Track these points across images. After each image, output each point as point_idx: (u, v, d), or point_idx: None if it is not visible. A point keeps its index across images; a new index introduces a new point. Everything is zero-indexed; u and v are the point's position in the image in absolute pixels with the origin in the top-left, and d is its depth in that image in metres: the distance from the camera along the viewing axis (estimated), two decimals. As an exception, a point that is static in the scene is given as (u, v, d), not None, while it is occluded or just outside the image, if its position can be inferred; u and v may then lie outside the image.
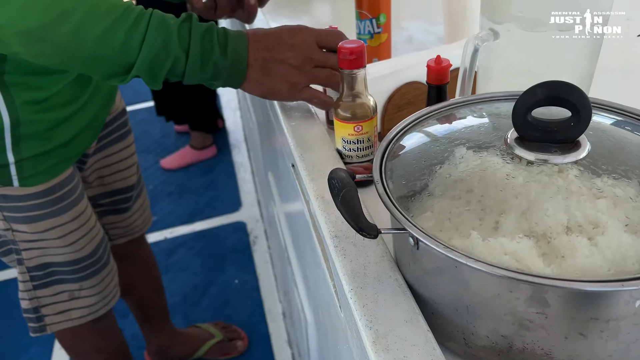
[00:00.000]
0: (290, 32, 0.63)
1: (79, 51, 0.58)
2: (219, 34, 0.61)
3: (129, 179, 1.08)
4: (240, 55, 0.61)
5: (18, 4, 0.55)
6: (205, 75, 0.62)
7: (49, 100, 0.77)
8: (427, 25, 1.04)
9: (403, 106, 0.68)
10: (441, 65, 0.53)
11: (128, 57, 0.58)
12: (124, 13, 0.57)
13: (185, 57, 0.60)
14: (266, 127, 1.02)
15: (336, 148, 0.60)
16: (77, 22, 0.56)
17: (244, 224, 2.00)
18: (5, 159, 0.77)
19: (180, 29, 0.59)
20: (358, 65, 0.55)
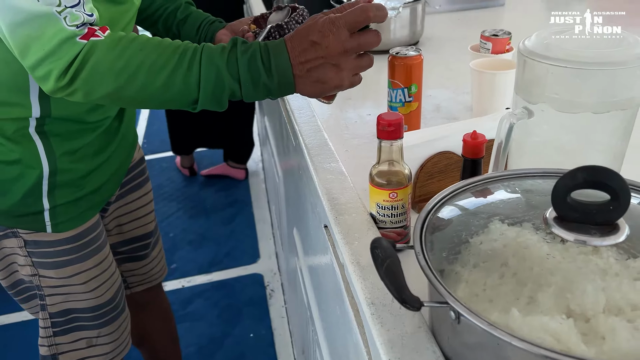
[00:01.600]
0: (320, 32, 0.64)
1: (150, 100, 0.67)
2: (263, 55, 0.65)
3: (147, 225, 1.10)
4: (285, 72, 0.65)
5: (96, 76, 0.63)
6: (260, 94, 0.67)
7: (82, 149, 0.83)
8: (454, 94, 1.07)
9: (434, 174, 0.70)
10: (477, 140, 0.55)
11: (191, 95, 0.65)
12: (179, 59, 0.64)
13: (239, 85, 0.65)
14: (295, 185, 1.04)
15: (370, 212, 0.62)
16: (142, 80, 0.64)
17: (261, 276, 2.00)
18: (40, 206, 0.81)
19: (228, 62, 0.64)
20: (396, 137, 0.57)
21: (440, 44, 1.42)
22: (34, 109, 0.75)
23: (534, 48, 0.55)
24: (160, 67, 0.63)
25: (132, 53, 0.63)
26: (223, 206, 2.47)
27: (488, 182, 0.53)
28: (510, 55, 0.93)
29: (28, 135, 0.76)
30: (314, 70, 0.65)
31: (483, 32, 0.93)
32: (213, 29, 0.93)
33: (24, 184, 0.78)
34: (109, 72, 0.63)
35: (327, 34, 0.64)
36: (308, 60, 0.64)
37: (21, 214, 0.81)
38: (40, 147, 0.78)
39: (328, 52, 0.64)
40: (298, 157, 0.89)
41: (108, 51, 0.63)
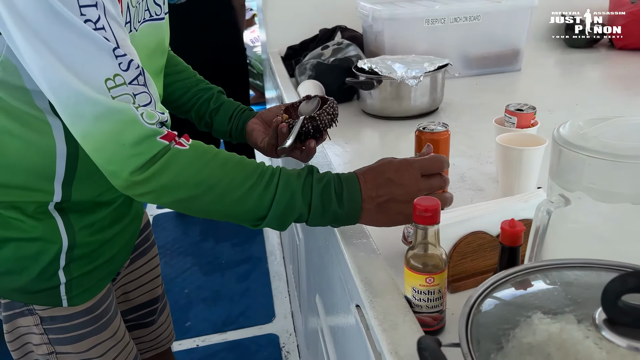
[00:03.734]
0: (397, 171, 0.69)
1: (218, 213, 0.68)
2: (336, 185, 0.68)
3: (154, 291, 1.09)
4: (356, 203, 0.68)
5: (175, 184, 0.64)
6: (325, 221, 0.70)
7: (99, 222, 0.84)
8: (478, 163, 1.08)
9: (467, 254, 0.69)
10: (515, 229, 0.55)
11: (259, 214, 0.67)
12: (257, 178, 0.66)
13: (308, 210, 0.68)
14: (320, 254, 1.04)
15: (405, 295, 0.61)
16: (220, 193, 0.65)
17: (277, 337, 1.96)
18: (57, 280, 0.80)
19: (304, 187, 0.67)
20: (433, 222, 0.57)
21: (460, 111, 1.45)
22: (55, 195, 0.77)
23: (570, 137, 0.56)
24: (239, 184, 0.66)
25: (215, 167, 0.65)
26: (238, 262, 2.46)
27: (528, 273, 0.52)
28: (535, 130, 0.94)
29: (48, 212, 0.77)
30: (382, 205, 0.69)
31: (508, 106, 0.95)
32: (244, 117, 0.96)
33: (43, 260, 0.79)
34: (188, 182, 0.64)
35: (404, 172, 0.69)
36: (379, 195, 0.68)
37: (37, 290, 0.80)
38: (60, 223, 0.78)
39: (402, 190, 0.68)
40: (323, 228, 0.89)
41: (192, 162, 0.64)
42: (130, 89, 0.62)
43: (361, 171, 0.71)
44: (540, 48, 2.10)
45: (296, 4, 2.07)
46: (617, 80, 1.72)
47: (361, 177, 0.69)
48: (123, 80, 0.61)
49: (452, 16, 1.65)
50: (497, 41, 1.75)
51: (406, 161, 0.70)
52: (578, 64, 1.93)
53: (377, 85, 1.36)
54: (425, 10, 1.64)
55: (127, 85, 0.62)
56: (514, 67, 1.80)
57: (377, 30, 1.72)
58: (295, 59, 1.91)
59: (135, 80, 0.63)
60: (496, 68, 1.79)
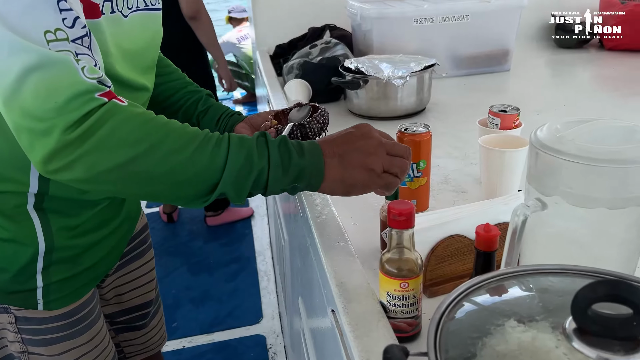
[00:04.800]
0: (358, 128, 0.68)
1: (167, 177, 0.59)
2: (292, 142, 0.65)
3: (147, 294, 1.07)
4: (317, 155, 0.64)
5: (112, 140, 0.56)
6: (288, 179, 0.63)
7: (82, 225, 0.80)
8: (462, 165, 1.07)
9: (446, 258, 0.68)
10: (490, 234, 0.54)
11: (211, 178, 0.60)
12: (205, 137, 0.61)
13: (267, 166, 0.62)
14: (302, 256, 1.03)
15: (380, 301, 0.60)
16: (165, 151, 0.58)
17: (264, 338, 1.94)
18: (34, 284, 0.78)
19: (258, 143, 0.62)
20: (407, 226, 0.56)
21: (447, 111, 1.44)
22: (31, 186, 0.73)
23: (547, 141, 0.55)
24: (187, 142, 0.59)
25: (157, 124, 0.59)
26: (227, 262, 2.44)
27: (502, 279, 0.51)
28: (519, 132, 0.93)
29: (26, 213, 0.74)
30: (346, 155, 0.65)
31: (491, 108, 0.94)
32: (232, 121, 0.94)
33: (17, 261, 0.76)
34: (127, 138, 0.56)
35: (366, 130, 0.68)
36: (341, 147, 0.65)
37: (12, 291, 0.78)
38: (37, 224, 0.75)
39: (365, 139, 0.66)
40: (305, 230, 0.88)
41: (131, 117, 0.57)
42: (72, 46, 0.55)
43: (320, 138, 0.68)
44: (529, 48, 2.09)
45: (286, 3, 2.05)
46: (607, 81, 1.71)
47: (321, 141, 0.67)
48: (66, 35, 0.55)
49: (441, 15, 1.64)
50: (487, 41, 1.74)
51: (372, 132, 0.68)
52: (568, 64, 1.93)
53: (363, 85, 1.35)
54: (414, 10, 1.63)
55: (70, 43, 0.55)
56: (503, 67, 1.79)
57: (365, 29, 1.70)
58: (284, 57, 1.90)
59: (79, 39, 0.56)
60: (485, 68, 1.78)
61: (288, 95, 1.47)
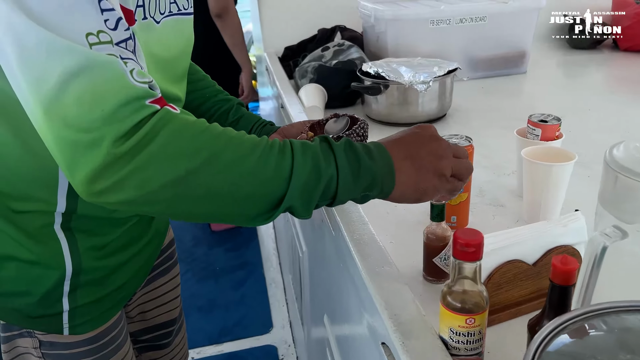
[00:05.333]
0: (422, 128, 0.65)
1: (228, 192, 0.52)
2: (357, 144, 0.59)
3: (172, 312, 1.02)
4: (387, 158, 0.59)
5: (169, 151, 0.49)
6: (360, 186, 0.58)
7: (110, 244, 0.75)
8: (495, 176, 1.02)
9: (502, 285, 0.64)
10: (568, 267, 0.49)
11: (279, 189, 0.54)
12: (267, 145, 0.54)
13: (336, 172, 0.56)
14: (329, 273, 0.98)
15: (440, 336, 0.55)
16: (227, 161, 0.51)
17: (275, 348, 1.89)
18: (60, 307, 0.73)
19: (322, 149, 0.57)
20: (475, 258, 0.51)
21: (468, 116, 1.39)
22: (59, 205, 0.69)
23: (627, 162, 0.50)
24: (250, 149, 0.53)
25: (215, 132, 0.52)
26: (233, 268, 2.39)
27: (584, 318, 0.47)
28: (560, 143, 0.89)
29: (52, 234, 0.69)
30: (416, 159, 0.61)
31: (530, 117, 0.90)
32: (265, 131, 0.89)
33: (43, 285, 0.71)
34: (184, 149, 0.49)
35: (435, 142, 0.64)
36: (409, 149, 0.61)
37: (37, 316, 0.73)
38: (64, 245, 0.70)
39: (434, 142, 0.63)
40: (340, 249, 0.83)
41: (186, 126, 0.50)
42: (116, 50, 0.49)
43: (382, 139, 0.64)
44: (542, 49, 2.05)
45: (292, 2, 2.00)
46: (626, 84, 1.67)
47: (385, 142, 0.62)
48: (109, 38, 0.48)
49: (458, 17, 1.60)
50: (503, 43, 1.69)
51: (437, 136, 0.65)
52: (582, 65, 1.89)
53: (384, 91, 1.30)
54: (430, 11, 1.58)
55: (114, 46, 0.48)
56: (519, 69, 1.75)
57: (379, 31, 1.65)
58: (294, 60, 1.84)
59: (123, 42, 0.50)
60: (502, 70, 1.73)
61: (303, 100, 1.42)
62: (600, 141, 1.15)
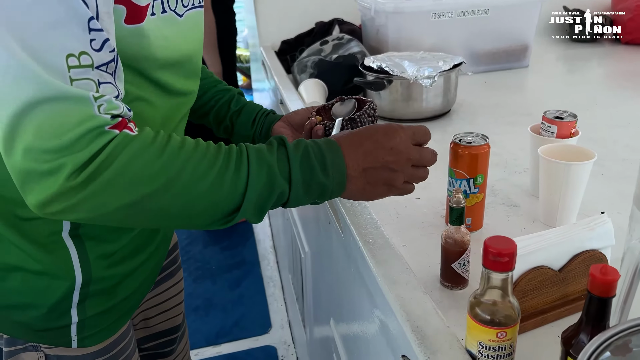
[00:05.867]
0: (386, 134, 0.62)
1: (183, 211, 0.53)
2: (315, 152, 0.59)
3: (175, 318, 0.99)
4: (341, 170, 0.60)
5: (125, 177, 0.49)
6: (310, 198, 0.60)
7: (119, 252, 0.72)
8: (506, 174, 0.99)
9: (528, 292, 0.60)
10: (608, 277, 0.46)
11: (232, 205, 0.55)
12: (224, 159, 0.55)
13: (289, 187, 0.57)
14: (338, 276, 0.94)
15: (467, 349, 0.52)
16: (182, 185, 0.52)
17: (274, 349, 1.86)
18: (68, 319, 0.69)
19: (278, 160, 0.57)
20: (508, 268, 0.48)
21: (473, 112, 1.36)
22: None
23: (669, 165, 0.47)
24: (206, 170, 0.53)
25: (173, 153, 0.52)
26: (229, 267, 2.35)
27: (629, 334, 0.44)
28: (576, 140, 0.85)
29: (61, 242, 0.65)
30: (370, 173, 0.61)
31: (545, 113, 0.86)
32: (269, 121, 0.86)
33: (51, 296, 0.67)
34: (142, 175, 0.50)
35: (394, 136, 0.61)
36: (366, 161, 0.61)
37: (44, 329, 0.70)
38: (73, 253, 0.66)
39: (392, 155, 0.61)
40: (349, 252, 0.80)
41: (144, 148, 0.50)
42: (95, 74, 0.48)
43: (340, 135, 0.63)
44: (543, 42, 2.02)
45: (289, -5, 1.95)
46: (630, 78, 1.65)
47: (344, 146, 0.61)
48: (90, 61, 0.47)
49: (460, 10, 1.56)
50: (506, 36, 1.66)
51: (397, 125, 0.63)
52: (584, 59, 1.86)
53: (387, 86, 1.26)
54: (432, 4, 1.54)
55: (93, 70, 0.48)
56: (521, 63, 1.72)
57: (379, 24, 1.61)
58: (291, 54, 1.80)
59: (104, 65, 0.49)
60: (504, 64, 1.70)
61: (304, 96, 1.38)
62: (612, 138, 1.13)
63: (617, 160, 1.02)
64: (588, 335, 0.47)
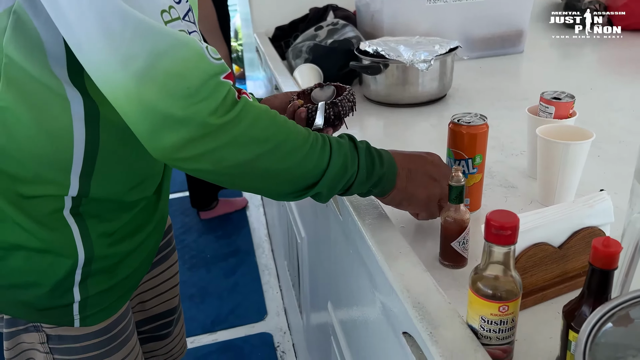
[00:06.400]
0: (429, 154, 0.73)
1: (281, 175, 0.59)
2: (375, 149, 0.67)
3: (171, 301, 0.99)
4: (392, 165, 0.67)
5: (241, 140, 0.54)
6: (369, 184, 0.66)
7: (120, 230, 0.72)
8: (503, 156, 0.99)
9: (528, 269, 0.60)
10: (610, 249, 0.46)
11: (315, 177, 0.61)
12: (315, 137, 0.61)
13: (357, 171, 0.64)
14: (335, 259, 0.94)
15: (469, 324, 0.52)
16: (286, 150, 0.57)
17: (271, 336, 1.86)
18: (71, 298, 0.69)
19: (350, 148, 0.64)
20: (510, 242, 0.48)
21: (469, 97, 1.36)
22: (71, 188, 0.64)
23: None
24: (302, 142, 0.59)
25: (280, 122, 0.58)
26: (224, 256, 2.35)
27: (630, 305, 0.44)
28: (573, 121, 0.85)
29: (63, 220, 0.65)
30: (414, 174, 0.69)
31: (543, 94, 0.86)
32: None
33: (54, 275, 0.67)
34: (259, 136, 0.55)
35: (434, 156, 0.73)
36: (412, 165, 0.69)
37: (47, 308, 0.69)
38: (75, 231, 0.66)
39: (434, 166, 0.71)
40: (348, 234, 0.79)
41: (261, 114, 0.56)
42: (184, 25, 0.51)
43: (392, 150, 0.71)
44: (537, 28, 2.02)
45: (283, -19, 1.93)
46: (624, 63, 1.65)
47: (394, 152, 0.70)
48: (178, 14, 0.51)
49: (455, -6, 1.55)
50: (501, 22, 1.66)
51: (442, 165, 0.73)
52: (579, 45, 1.86)
53: (383, 70, 1.26)
54: (427, -12, 1.53)
55: (182, 21, 0.51)
56: (517, 48, 1.72)
57: (374, 10, 1.60)
58: (285, 40, 1.79)
59: (187, 16, 0.52)
60: (499, 50, 1.70)
61: (299, 81, 1.37)
62: (607, 121, 1.13)
63: (613, 142, 1.02)
64: (590, 308, 0.47)
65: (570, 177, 0.78)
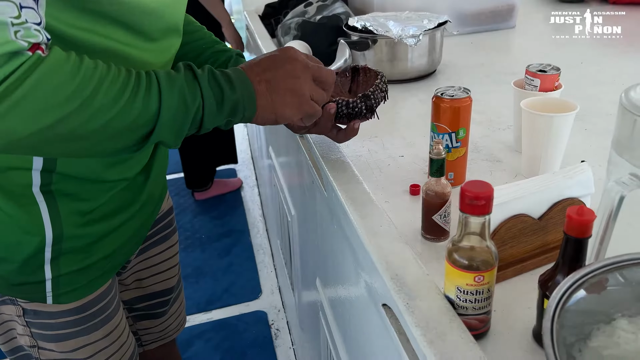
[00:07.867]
0: (281, 50, 0.65)
1: (96, 134, 0.52)
2: (220, 73, 0.61)
3: (169, 280, 0.99)
4: (246, 83, 0.62)
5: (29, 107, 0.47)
6: (223, 115, 0.61)
7: (97, 210, 0.71)
8: (489, 131, 0.99)
9: (507, 241, 0.61)
10: (584, 218, 0.46)
11: (147, 126, 0.55)
12: (135, 82, 0.54)
13: (202, 104, 0.58)
14: (322, 235, 0.94)
15: (446, 295, 0.52)
16: (96, 107, 0.51)
17: (265, 314, 1.88)
18: (42, 276, 0.69)
19: (186, 79, 0.58)
20: (485, 212, 0.48)
21: (459, 72, 1.35)
22: (35, 160, 0.63)
23: (647, 105, 0.46)
24: (118, 91, 0.52)
25: (87, 74, 0.50)
26: (219, 236, 2.35)
27: (603, 272, 0.44)
28: (559, 94, 0.85)
29: (31, 196, 0.64)
30: (273, 82, 0.63)
31: (528, 67, 0.85)
32: None
33: (22, 251, 0.67)
34: (54, 95, 0.48)
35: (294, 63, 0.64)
36: (267, 72, 0.63)
37: (19, 283, 0.69)
38: (44, 209, 0.65)
39: (290, 63, 0.63)
40: (332, 209, 0.79)
41: (58, 67, 0.48)
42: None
43: (242, 64, 0.66)
44: (530, 3, 1.99)
45: (272, -43, 1.90)
46: (616, 37, 1.64)
47: (245, 67, 0.64)
48: None
49: (446, -32, 1.53)
50: (492, -4, 1.63)
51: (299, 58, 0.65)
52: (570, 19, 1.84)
53: (372, 46, 1.24)
54: (417, -38, 1.50)
55: None
56: (508, 24, 1.70)
57: (364, -15, 1.58)
58: (275, 17, 1.76)
59: None
60: (490, 25, 1.68)
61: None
62: (596, 94, 1.13)
63: (601, 115, 1.02)
64: (564, 277, 0.47)
65: (555, 150, 0.78)
